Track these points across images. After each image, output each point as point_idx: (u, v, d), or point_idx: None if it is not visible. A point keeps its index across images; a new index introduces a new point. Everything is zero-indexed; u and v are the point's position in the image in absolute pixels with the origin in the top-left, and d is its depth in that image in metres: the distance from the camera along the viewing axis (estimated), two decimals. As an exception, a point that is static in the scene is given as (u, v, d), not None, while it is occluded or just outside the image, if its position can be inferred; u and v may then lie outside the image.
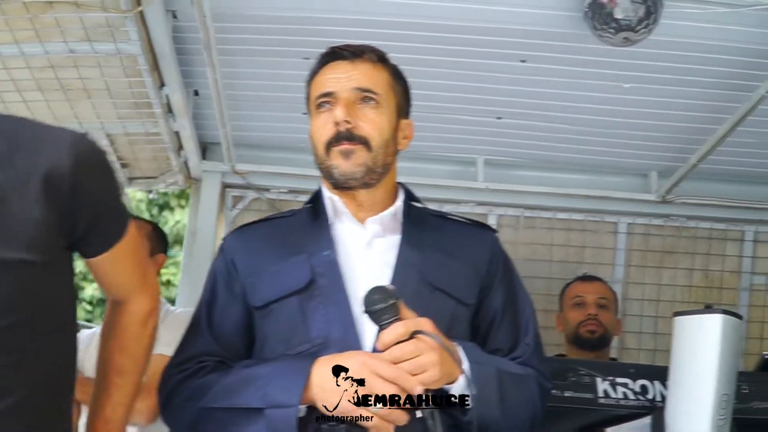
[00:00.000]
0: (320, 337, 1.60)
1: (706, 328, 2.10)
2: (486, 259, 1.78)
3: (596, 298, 3.12)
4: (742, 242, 3.80)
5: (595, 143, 3.40)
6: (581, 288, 3.19)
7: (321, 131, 1.70)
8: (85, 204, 1.45)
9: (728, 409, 2.11)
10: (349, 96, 1.69)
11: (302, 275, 1.65)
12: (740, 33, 2.66)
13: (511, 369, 1.68)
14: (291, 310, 1.64)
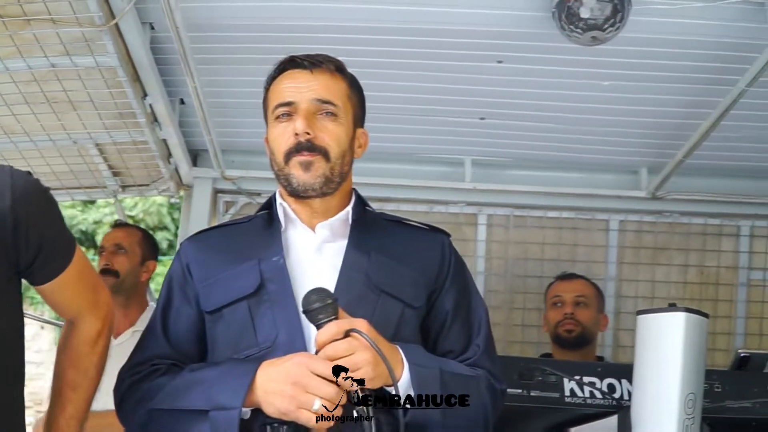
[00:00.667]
0: (267, 341, 1.63)
1: (669, 327, 2.10)
2: (436, 262, 1.80)
3: (573, 297, 3.13)
4: (738, 237, 3.78)
5: (582, 141, 3.40)
6: (560, 287, 3.21)
7: (280, 140, 1.72)
8: (26, 238, 1.56)
9: (695, 408, 2.11)
10: (308, 107, 1.71)
11: (252, 280, 1.68)
12: (715, 27, 2.64)
13: (457, 370, 1.69)
14: (240, 315, 1.67)
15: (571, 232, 3.71)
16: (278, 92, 1.75)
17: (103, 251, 3.22)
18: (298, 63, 1.77)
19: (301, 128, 1.68)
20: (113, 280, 3.11)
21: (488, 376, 1.74)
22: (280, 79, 1.78)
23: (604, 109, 3.14)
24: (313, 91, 1.72)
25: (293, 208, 1.75)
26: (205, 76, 2.89)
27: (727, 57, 2.77)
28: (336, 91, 1.75)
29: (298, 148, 1.68)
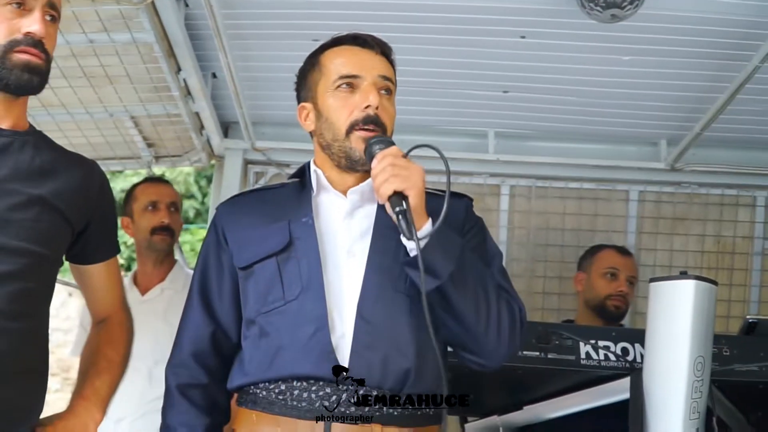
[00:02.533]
0: (292, 294, 1.75)
1: (680, 293, 2.21)
2: (461, 220, 1.89)
3: (628, 275, 3.21)
4: (754, 207, 3.86)
5: (602, 114, 3.47)
6: (617, 260, 3.24)
7: (342, 111, 1.81)
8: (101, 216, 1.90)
9: (704, 371, 2.22)
10: (376, 82, 1.82)
11: (281, 239, 1.80)
12: (730, 5, 2.71)
13: (476, 261, 1.80)
14: (270, 271, 1.79)
15: (591, 202, 3.80)
16: (341, 64, 1.84)
17: (156, 207, 3.20)
18: (360, 40, 1.87)
19: (375, 101, 1.78)
20: (170, 239, 3.19)
21: (500, 286, 1.81)
22: (339, 51, 1.87)
23: (624, 83, 3.22)
24: (377, 68, 1.83)
25: (327, 176, 1.87)
26: (237, 51, 2.99)
27: (742, 34, 2.83)
28: (390, 71, 1.87)
29: (366, 120, 1.78)
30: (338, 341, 1.71)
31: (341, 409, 1.67)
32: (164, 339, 2.99)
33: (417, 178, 1.68)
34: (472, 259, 1.77)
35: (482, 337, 1.75)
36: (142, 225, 3.17)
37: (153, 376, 2.93)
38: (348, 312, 1.73)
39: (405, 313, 1.74)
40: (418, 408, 1.72)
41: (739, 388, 2.39)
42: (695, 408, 2.19)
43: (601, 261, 3.26)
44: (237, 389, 1.82)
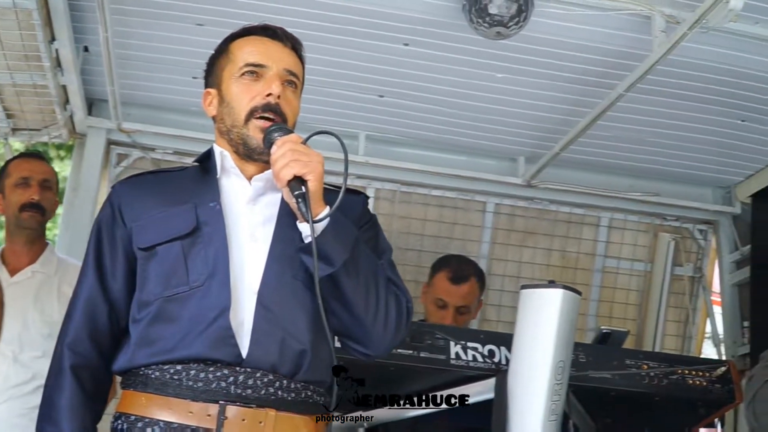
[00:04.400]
0: (198, 280, 1.74)
1: (547, 301, 2.35)
2: (357, 215, 1.93)
3: (457, 306, 3.24)
4: (598, 227, 4.12)
5: (470, 127, 3.61)
6: (448, 290, 3.27)
7: (243, 97, 1.82)
8: None
9: (564, 375, 2.37)
10: (280, 73, 1.84)
11: (187, 222, 1.78)
12: (603, 35, 2.91)
13: (369, 253, 1.84)
14: (174, 254, 1.76)
15: (451, 211, 3.94)
16: (248, 53, 1.85)
17: (27, 183, 3.05)
18: (270, 31, 1.89)
19: (277, 90, 1.79)
20: (40, 217, 3.03)
21: (389, 280, 1.85)
22: (248, 41, 1.88)
23: (494, 99, 3.36)
24: (284, 61, 1.85)
25: (232, 159, 1.87)
26: (118, 26, 2.90)
27: (612, 63, 3.04)
28: (298, 67, 1.89)
29: (266, 108, 1.79)
30: (238, 326, 1.71)
31: (237, 392, 1.67)
32: (33, 325, 2.88)
33: (317, 164, 1.72)
34: (365, 251, 1.82)
35: (370, 327, 1.79)
36: (12, 201, 3.02)
37: (18, 361, 2.79)
38: (248, 298, 1.74)
39: (303, 301, 1.76)
40: (312, 394, 1.75)
41: (591, 394, 2.57)
42: (554, 410, 2.34)
43: (434, 288, 3.33)
44: (124, 371, 1.78)
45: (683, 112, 3.38)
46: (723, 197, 4.09)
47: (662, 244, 4.16)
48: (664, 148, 3.70)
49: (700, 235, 4.22)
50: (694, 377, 2.72)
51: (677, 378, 2.69)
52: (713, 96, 3.24)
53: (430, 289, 3.35)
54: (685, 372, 2.71)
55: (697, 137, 3.58)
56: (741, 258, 4.02)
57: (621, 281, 4.18)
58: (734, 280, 4.04)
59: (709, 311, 4.28)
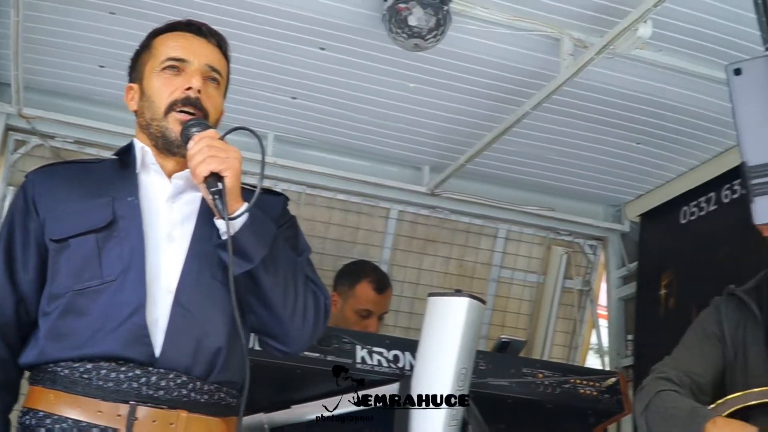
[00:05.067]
0: (112, 274, 1.72)
1: (454, 309, 2.42)
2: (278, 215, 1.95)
3: (380, 313, 3.36)
4: (495, 238, 4.24)
5: (379, 134, 3.65)
6: (373, 299, 3.37)
7: (164, 90, 1.83)
8: None
9: (466, 381, 2.44)
10: (201, 69, 1.85)
11: (103, 216, 1.77)
12: (515, 53, 3.01)
13: (288, 251, 1.86)
14: (88, 247, 1.75)
15: (355, 215, 3.97)
16: (170, 47, 1.86)
17: None
18: (194, 27, 1.90)
19: (197, 85, 1.80)
20: None
21: (308, 277, 1.89)
22: (171, 36, 1.88)
23: (405, 108, 3.42)
24: (207, 57, 1.85)
25: (153, 154, 1.85)
26: (29, 11, 2.82)
27: (521, 81, 3.14)
28: (222, 64, 1.89)
29: (186, 102, 1.79)
30: (152, 325, 1.70)
31: (149, 393, 1.66)
32: None
33: (234, 160, 1.74)
34: (284, 248, 1.84)
35: (288, 324, 1.82)
36: None
37: None
38: (164, 297, 1.73)
39: (220, 301, 1.77)
40: (224, 396, 1.75)
41: (489, 401, 2.65)
42: (455, 416, 2.41)
43: (359, 298, 3.38)
44: (32, 366, 1.74)
45: (584, 132, 3.52)
46: (613, 215, 4.28)
47: (555, 257, 4.32)
48: (562, 165, 3.84)
49: (590, 250, 4.39)
50: (585, 387, 2.84)
51: (570, 387, 2.81)
52: (613, 119, 3.39)
53: (352, 299, 3.38)
54: (577, 381, 2.83)
55: (594, 157, 3.73)
56: (627, 274, 4.21)
57: (515, 291, 4.31)
58: (620, 295, 4.22)
59: (595, 323, 4.47)
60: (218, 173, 1.70)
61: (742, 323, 2.23)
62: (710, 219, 3.72)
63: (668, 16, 2.66)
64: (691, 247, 3.79)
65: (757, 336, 2.17)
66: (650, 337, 3.85)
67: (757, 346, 2.15)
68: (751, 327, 2.21)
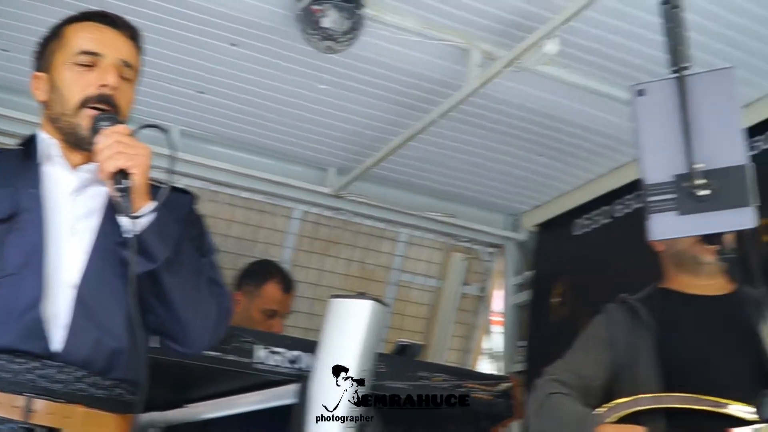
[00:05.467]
0: (13, 267, 1.66)
1: (357, 311, 2.43)
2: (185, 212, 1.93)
3: (284, 314, 3.36)
4: (396, 242, 4.28)
5: (286, 133, 3.64)
6: (279, 299, 3.36)
7: (76, 85, 1.77)
8: None
9: (366, 384, 2.46)
10: (116, 64, 1.79)
11: (4, 207, 1.71)
12: (425, 61, 3.06)
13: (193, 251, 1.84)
14: None
15: (258, 214, 3.95)
16: (84, 39, 1.80)
17: None
18: (109, 19, 1.84)
19: (113, 81, 1.75)
20: None
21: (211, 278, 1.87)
22: (84, 26, 1.82)
23: (314, 109, 3.42)
24: (121, 51, 1.80)
25: (60, 147, 1.80)
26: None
27: (429, 89, 3.20)
28: (135, 57, 1.85)
29: (99, 99, 1.74)
30: (51, 319, 1.66)
31: (46, 385, 1.62)
32: None
33: (143, 157, 1.71)
34: (189, 249, 1.82)
35: (188, 325, 1.80)
36: None
37: None
38: (65, 291, 1.69)
39: (122, 298, 1.73)
40: (123, 393, 1.73)
41: (389, 401, 2.67)
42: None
43: (265, 298, 3.36)
44: None
45: (487, 142, 3.60)
46: (512, 224, 4.39)
47: (454, 262, 4.40)
48: (465, 174, 3.92)
49: (488, 257, 4.49)
50: (479, 391, 2.90)
51: (464, 391, 2.86)
52: (516, 131, 3.48)
53: (258, 299, 3.35)
54: (471, 385, 2.88)
55: (495, 167, 3.83)
56: (523, 281, 4.33)
57: (414, 295, 4.37)
58: (515, 302, 4.34)
59: (489, 329, 4.57)
60: (125, 170, 1.67)
61: (633, 330, 2.33)
62: (603, 232, 3.87)
63: (575, 35, 2.75)
64: (584, 258, 3.93)
65: (647, 343, 2.27)
66: (541, 344, 3.96)
67: (646, 353, 2.25)
68: (642, 335, 2.30)
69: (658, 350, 2.25)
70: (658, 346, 2.26)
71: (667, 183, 1.72)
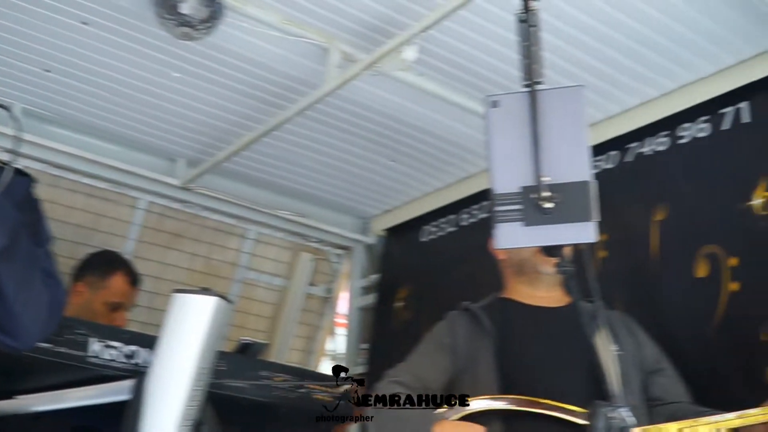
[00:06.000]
0: None
1: (200, 307, 2.36)
2: (22, 195, 1.84)
3: (129, 307, 3.25)
4: (244, 239, 4.22)
5: (135, 119, 3.51)
6: (126, 292, 3.24)
7: None
8: None
9: (204, 381, 2.40)
10: None
11: None
12: (284, 57, 3.03)
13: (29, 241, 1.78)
14: None
15: (100, 201, 3.78)
16: None
17: None
18: None
19: None
20: None
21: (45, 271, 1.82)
22: None
23: (166, 96, 3.32)
24: None
25: None
26: None
27: (287, 86, 3.17)
28: None
29: None
30: None
31: None
32: None
33: None
34: (23, 237, 1.73)
35: (19, 318, 1.73)
36: None
37: None
38: None
39: None
40: None
41: (225, 402, 2.62)
42: (189, 416, 2.35)
43: (111, 290, 3.23)
44: None
45: (341, 144, 3.61)
46: (361, 227, 4.42)
47: (302, 262, 4.38)
48: (318, 174, 3.91)
49: (336, 259, 4.50)
50: (320, 392, 2.89)
51: (305, 391, 2.84)
52: (370, 134, 3.51)
53: (103, 291, 3.20)
54: (313, 386, 2.87)
55: (348, 169, 3.84)
56: (369, 285, 4.36)
57: (259, 294, 4.32)
58: (360, 304, 4.37)
59: (333, 331, 4.58)
60: None
61: (474, 337, 2.39)
62: (448, 240, 3.95)
63: (433, 43, 2.80)
64: (429, 264, 4.00)
65: (488, 349, 2.33)
66: (383, 347, 4.00)
67: (486, 359, 2.31)
68: (482, 341, 2.36)
69: (498, 357, 2.32)
70: (497, 353, 2.33)
71: (514, 194, 1.75)
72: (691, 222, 2.94)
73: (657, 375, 2.43)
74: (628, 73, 3.01)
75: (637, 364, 2.41)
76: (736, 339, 2.71)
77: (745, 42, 2.81)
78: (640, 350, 2.45)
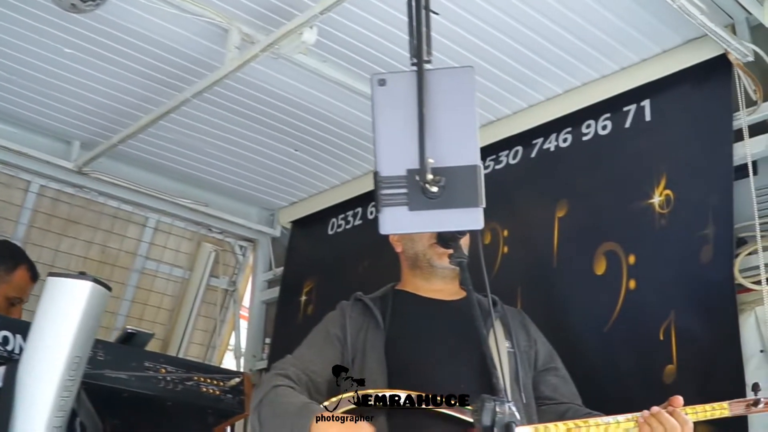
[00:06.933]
0: None
1: (74, 292, 2.24)
2: None
3: (26, 301, 3.08)
4: (144, 227, 4.07)
5: (27, 98, 3.34)
6: (25, 288, 3.08)
7: None
8: None
9: (79, 371, 2.27)
10: None
11: None
12: (181, 36, 2.90)
13: None
14: None
15: (-9, 185, 3.60)
16: None
17: None
18: None
19: None
20: None
21: None
22: None
23: (58, 74, 3.16)
24: None
25: None
26: None
27: (184, 66, 3.04)
28: None
29: None
30: None
31: None
32: None
33: None
34: None
35: None
36: None
37: None
38: None
39: None
40: None
41: (104, 393, 2.49)
42: (63, 406, 2.23)
43: (14, 285, 3.07)
44: None
45: (243, 131, 3.50)
46: (267, 219, 4.32)
47: (203, 253, 4.25)
48: (221, 162, 3.79)
49: (240, 251, 4.39)
50: (208, 385, 2.79)
51: (192, 384, 2.74)
52: (274, 122, 3.41)
53: (5, 285, 3.03)
54: (200, 379, 2.76)
55: (252, 157, 3.73)
56: (273, 278, 4.26)
57: (158, 285, 4.17)
58: (263, 298, 4.27)
59: (236, 324, 4.45)
60: None
61: (364, 328, 2.31)
62: (355, 233, 3.88)
63: (333, 27, 2.72)
64: (335, 257, 3.92)
65: (377, 341, 2.26)
66: (286, 342, 3.89)
67: (375, 351, 2.24)
68: (372, 333, 2.29)
69: (387, 349, 2.25)
70: (387, 344, 2.26)
71: (399, 177, 1.68)
72: (591, 219, 2.93)
73: (548, 374, 2.40)
74: (534, 68, 2.98)
75: (530, 361, 2.37)
76: (635, 337, 2.70)
77: (650, 40, 2.80)
78: (533, 347, 2.41)
